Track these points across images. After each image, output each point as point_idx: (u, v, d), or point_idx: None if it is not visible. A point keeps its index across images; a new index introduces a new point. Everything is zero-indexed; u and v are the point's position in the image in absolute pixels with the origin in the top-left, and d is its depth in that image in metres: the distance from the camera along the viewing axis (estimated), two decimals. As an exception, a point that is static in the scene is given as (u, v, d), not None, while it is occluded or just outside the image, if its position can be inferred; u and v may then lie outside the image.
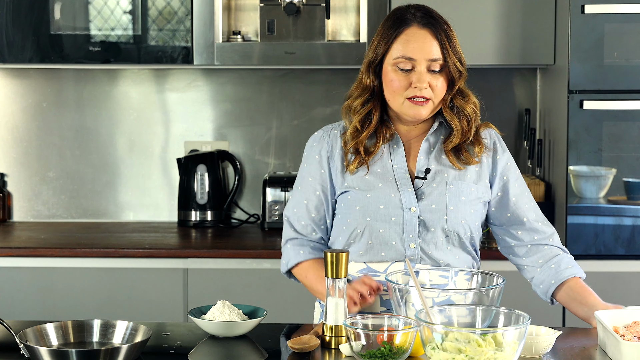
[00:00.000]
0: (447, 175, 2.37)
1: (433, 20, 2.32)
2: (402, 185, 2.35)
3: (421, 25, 2.31)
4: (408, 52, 2.30)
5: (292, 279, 2.49)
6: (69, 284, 3.53)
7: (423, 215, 2.34)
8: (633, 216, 3.46)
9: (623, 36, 3.42)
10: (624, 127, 3.45)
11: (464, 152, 2.38)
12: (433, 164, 2.37)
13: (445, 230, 2.34)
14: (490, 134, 2.45)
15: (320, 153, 2.44)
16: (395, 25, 2.33)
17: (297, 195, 2.46)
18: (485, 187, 2.40)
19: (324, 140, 2.45)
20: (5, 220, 4.11)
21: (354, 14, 3.78)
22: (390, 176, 2.37)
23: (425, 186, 2.35)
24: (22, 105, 4.11)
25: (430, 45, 2.30)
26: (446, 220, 2.34)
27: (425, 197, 2.35)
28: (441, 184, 2.36)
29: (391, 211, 2.34)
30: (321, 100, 4.10)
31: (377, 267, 2.35)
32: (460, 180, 2.37)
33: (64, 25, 3.71)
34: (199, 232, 3.89)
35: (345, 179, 2.39)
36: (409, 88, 2.31)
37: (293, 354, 2.12)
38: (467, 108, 2.37)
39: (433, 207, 2.34)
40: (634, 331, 2.12)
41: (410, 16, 2.33)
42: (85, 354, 2.01)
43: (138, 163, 4.13)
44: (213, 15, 3.68)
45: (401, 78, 2.32)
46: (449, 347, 1.85)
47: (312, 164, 2.45)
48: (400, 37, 2.32)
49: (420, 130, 2.42)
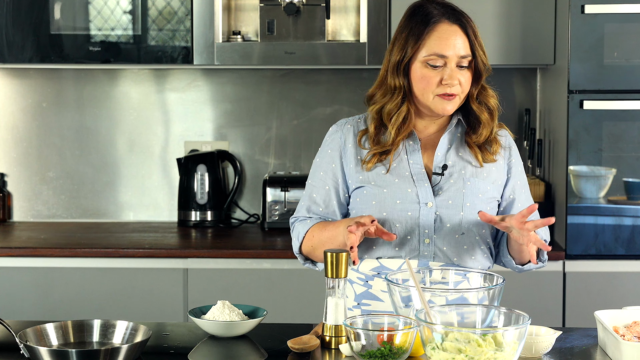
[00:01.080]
0: (465, 172, 2.36)
1: (460, 15, 2.33)
2: (418, 181, 2.35)
3: (451, 22, 2.31)
4: (442, 49, 2.30)
5: (307, 265, 2.46)
6: (69, 284, 3.53)
7: (439, 210, 2.33)
8: (633, 216, 3.46)
9: (623, 36, 3.42)
10: (624, 127, 3.45)
11: (485, 149, 2.38)
12: (451, 161, 2.37)
13: (461, 227, 2.33)
14: (506, 135, 2.45)
15: (332, 147, 2.44)
16: (424, 22, 2.32)
17: (307, 188, 2.47)
18: (500, 187, 2.40)
19: (337, 134, 2.45)
20: (5, 220, 4.11)
21: (354, 14, 3.78)
22: (407, 171, 2.36)
23: (442, 182, 2.35)
24: (22, 105, 4.11)
25: (462, 41, 2.31)
26: (462, 216, 2.33)
27: (442, 193, 2.34)
28: (459, 180, 2.35)
29: (407, 206, 2.33)
30: (321, 100, 4.10)
31: (390, 265, 2.34)
32: (478, 178, 2.36)
33: (64, 25, 3.71)
34: (199, 232, 3.89)
35: (360, 174, 2.38)
36: (440, 85, 2.31)
37: (293, 354, 2.12)
38: (491, 101, 2.38)
39: (450, 202, 2.34)
40: (634, 331, 2.12)
41: (437, 12, 2.32)
42: (85, 354, 2.01)
43: (138, 163, 4.13)
44: (213, 15, 3.68)
45: (433, 75, 2.31)
46: (449, 347, 1.85)
47: (323, 158, 2.45)
48: (432, 34, 2.31)
49: (438, 126, 2.41)
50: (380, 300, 2.34)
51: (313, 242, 2.38)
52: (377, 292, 2.35)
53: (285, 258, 3.48)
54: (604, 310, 2.21)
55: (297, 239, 2.43)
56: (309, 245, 2.40)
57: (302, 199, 2.47)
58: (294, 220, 2.47)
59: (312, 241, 2.39)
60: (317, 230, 2.37)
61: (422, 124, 2.41)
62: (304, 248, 2.42)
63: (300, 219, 2.45)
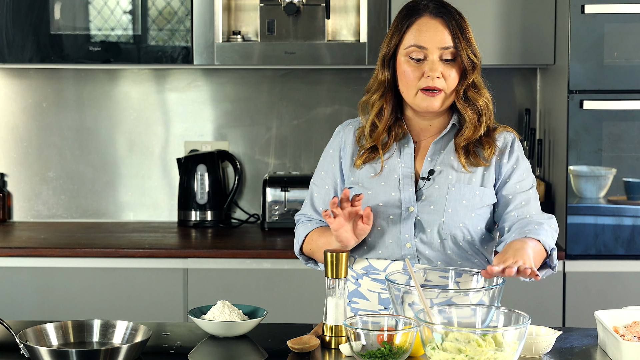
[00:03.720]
0: (451, 178, 2.35)
1: (445, 10, 2.32)
2: (404, 185, 2.35)
3: (433, 15, 2.31)
4: (420, 40, 2.30)
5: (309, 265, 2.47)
6: (69, 284, 3.53)
7: (420, 215, 2.33)
8: (633, 216, 3.46)
9: (623, 36, 3.42)
10: (624, 127, 3.45)
11: (473, 153, 2.35)
12: (439, 166, 2.36)
13: (440, 233, 2.33)
14: (504, 137, 2.40)
15: (334, 147, 2.47)
16: (407, 16, 2.33)
17: (310, 187, 2.50)
18: (491, 190, 2.37)
19: (339, 134, 2.47)
20: (5, 220, 4.11)
21: (354, 14, 3.78)
22: (395, 174, 2.36)
23: (426, 187, 2.35)
24: (22, 105, 4.11)
25: (442, 33, 2.29)
26: (443, 222, 2.32)
27: (425, 198, 2.34)
28: (443, 186, 2.34)
29: (389, 209, 2.34)
30: (321, 100, 4.10)
31: (377, 265, 2.35)
32: (465, 184, 2.35)
33: (64, 25, 3.71)
34: (199, 232, 3.89)
35: (353, 174, 2.40)
36: (422, 78, 2.30)
37: (293, 354, 2.12)
38: (480, 101, 2.35)
39: (431, 208, 2.34)
40: (634, 331, 2.12)
41: (423, 7, 2.33)
42: (85, 354, 2.01)
43: (138, 163, 4.13)
44: (213, 15, 3.68)
45: (414, 68, 2.31)
46: (449, 347, 1.85)
47: (325, 158, 2.49)
48: (412, 27, 2.31)
49: (435, 129, 2.40)
50: (366, 300, 2.36)
51: (312, 247, 2.42)
52: (365, 291, 2.37)
53: (285, 258, 3.48)
54: (604, 310, 2.21)
55: (297, 242, 2.47)
56: (308, 248, 2.45)
57: (307, 197, 2.51)
58: (298, 218, 2.51)
59: (310, 245, 2.43)
60: (316, 235, 2.41)
61: (420, 127, 2.40)
62: (305, 250, 2.46)
63: (303, 220, 2.48)
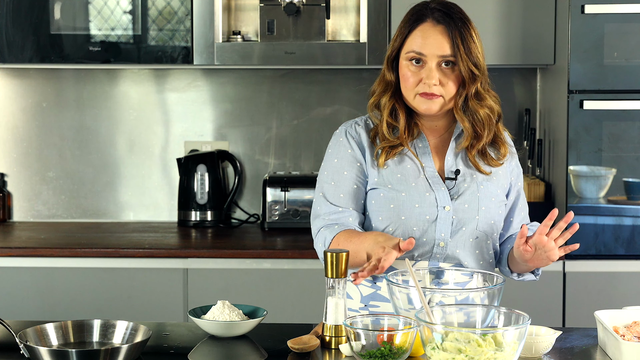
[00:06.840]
0: (477, 176, 2.36)
1: (449, 17, 2.29)
2: (434, 184, 2.34)
3: (436, 22, 2.30)
4: (419, 47, 2.29)
5: None
6: (69, 284, 3.53)
7: (456, 214, 2.33)
8: (633, 216, 3.46)
9: (623, 36, 3.42)
10: (624, 127, 3.45)
11: (488, 155, 2.37)
12: (461, 165, 2.37)
13: (476, 230, 2.33)
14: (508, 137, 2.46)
15: (352, 147, 2.39)
16: (411, 20, 2.32)
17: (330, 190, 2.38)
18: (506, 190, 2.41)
19: (351, 135, 2.41)
20: (5, 220, 4.11)
21: (354, 14, 3.78)
22: (421, 174, 2.35)
23: (456, 186, 2.35)
24: (22, 105, 4.11)
25: (442, 42, 2.28)
26: (478, 220, 2.33)
27: (459, 197, 2.33)
28: (472, 184, 2.35)
29: (426, 210, 2.32)
30: (321, 100, 4.10)
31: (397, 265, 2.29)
32: (490, 182, 2.36)
33: (64, 25, 3.71)
34: (199, 232, 3.89)
35: (376, 175, 2.36)
36: (420, 84, 2.29)
37: (293, 354, 2.12)
38: (481, 112, 2.32)
39: (466, 206, 2.33)
40: (634, 331, 2.12)
41: (428, 12, 2.31)
42: (85, 354, 2.01)
43: (138, 163, 4.13)
44: (213, 15, 3.67)
45: (413, 73, 2.30)
46: (449, 347, 1.85)
47: (343, 158, 2.39)
48: (414, 32, 2.31)
49: (441, 130, 2.40)
50: (388, 302, 2.31)
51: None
52: (385, 293, 2.33)
53: (285, 258, 3.48)
54: (604, 310, 2.21)
55: (324, 244, 2.34)
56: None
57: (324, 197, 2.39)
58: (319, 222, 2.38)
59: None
60: (343, 239, 2.30)
61: (429, 125, 2.40)
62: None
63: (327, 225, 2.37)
